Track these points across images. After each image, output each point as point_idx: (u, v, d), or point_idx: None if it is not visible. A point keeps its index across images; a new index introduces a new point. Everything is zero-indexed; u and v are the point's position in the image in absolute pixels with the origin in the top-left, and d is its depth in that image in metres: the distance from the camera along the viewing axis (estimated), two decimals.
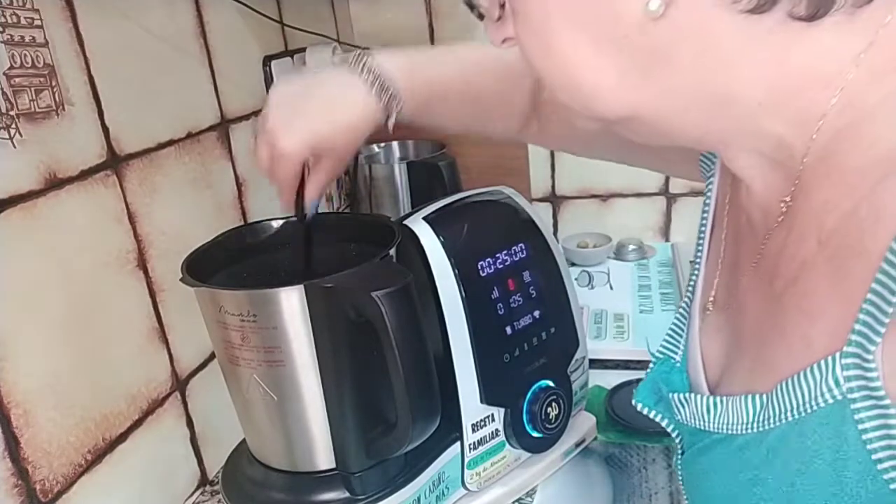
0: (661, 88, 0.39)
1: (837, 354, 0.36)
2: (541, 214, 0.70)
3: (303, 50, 1.05)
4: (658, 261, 1.34)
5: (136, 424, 0.70)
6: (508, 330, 0.64)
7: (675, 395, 0.49)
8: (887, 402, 0.34)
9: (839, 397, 0.36)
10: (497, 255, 0.64)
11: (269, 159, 0.57)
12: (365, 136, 0.59)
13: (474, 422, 0.64)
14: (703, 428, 0.46)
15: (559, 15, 0.39)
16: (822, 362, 0.36)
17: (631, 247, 1.35)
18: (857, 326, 0.34)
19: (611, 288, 1.25)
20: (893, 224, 0.33)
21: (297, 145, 0.56)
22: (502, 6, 0.43)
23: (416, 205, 0.68)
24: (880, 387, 0.34)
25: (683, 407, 0.48)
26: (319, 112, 0.57)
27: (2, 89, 0.55)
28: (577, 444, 0.74)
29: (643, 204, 1.39)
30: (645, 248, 1.36)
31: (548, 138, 0.72)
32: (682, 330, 0.54)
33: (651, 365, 0.55)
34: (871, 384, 0.34)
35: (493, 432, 0.65)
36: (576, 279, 1.23)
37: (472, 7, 0.46)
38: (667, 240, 1.41)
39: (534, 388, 0.66)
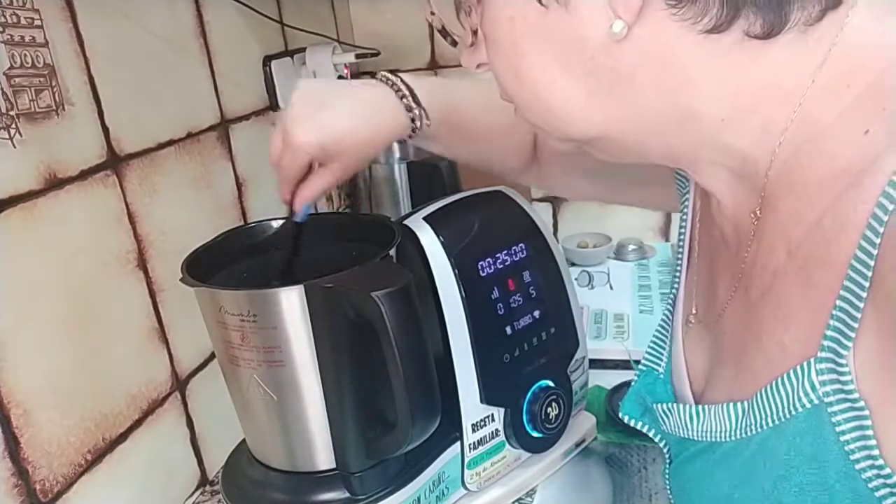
0: (628, 107, 0.41)
1: (812, 360, 0.37)
2: (541, 214, 0.70)
3: (303, 50, 1.05)
4: (658, 261, 1.34)
5: (136, 424, 0.70)
6: (508, 330, 0.64)
7: (660, 405, 0.50)
8: (861, 403, 0.35)
9: (816, 401, 0.37)
10: (497, 255, 0.64)
11: (279, 148, 0.56)
12: (383, 148, 0.59)
13: (474, 422, 0.64)
14: (687, 437, 0.47)
15: (527, 38, 0.41)
16: (798, 368, 0.38)
17: (631, 247, 1.35)
18: (829, 332, 0.36)
19: (611, 288, 1.25)
20: (856, 234, 0.34)
21: (311, 138, 0.55)
22: (475, 33, 0.45)
23: (416, 205, 0.68)
24: (854, 389, 0.35)
25: (668, 417, 0.49)
26: (346, 110, 0.57)
27: (2, 89, 0.55)
28: (577, 444, 0.74)
29: None
30: (645, 248, 1.36)
31: (546, 183, 0.75)
32: (665, 341, 0.55)
33: (635, 377, 0.56)
34: (845, 387, 0.36)
35: (493, 432, 0.65)
36: (576, 279, 1.23)
37: (445, 35, 0.48)
38: (667, 240, 1.41)
39: (534, 388, 0.66)
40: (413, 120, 0.59)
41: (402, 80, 0.59)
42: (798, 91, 0.38)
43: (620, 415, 0.55)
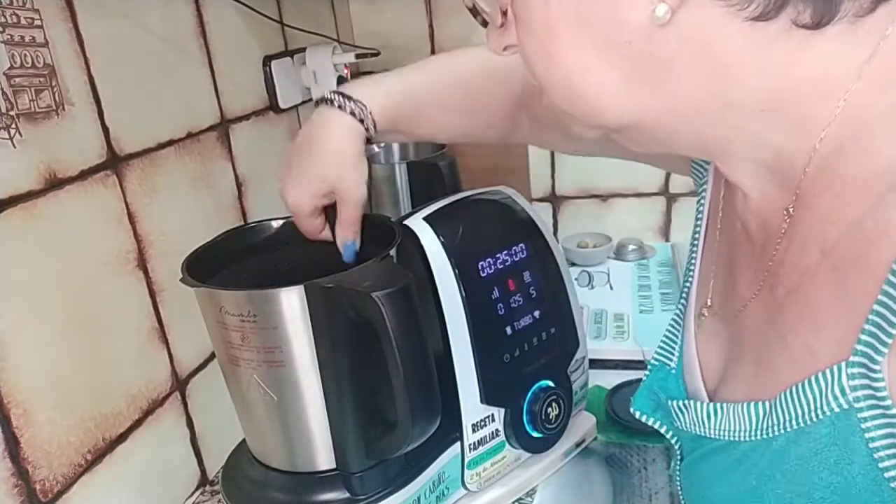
0: (665, 96, 0.39)
1: (843, 364, 0.36)
2: (541, 214, 0.70)
3: (303, 50, 1.05)
4: (658, 261, 1.34)
5: (136, 424, 0.70)
6: (508, 330, 0.64)
7: (675, 401, 0.49)
8: (894, 411, 0.34)
9: (845, 406, 0.36)
10: (497, 255, 0.64)
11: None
12: (361, 157, 0.59)
13: (474, 422, 0.64)
14: (703, 435, 0.46)
15: (562, 21, 0.39)
16: (828, 371, 0.37)
17: (631, 247, 1.35)
18: (864, 337, 0.35)
19: (611, 288, 1.25)
20: None
21: (300, 198, 0.59)
22: (505, 13, 0.43)
23: (416, 205, 0.68)
24: (887, 396, 0.34)
25: (683, 414, 0.48)
26: (309, 157, 0.59)
27: (2, 89, 0.55)
28: (577, 444, 0.74)
29: (643, 204, 1.39)
30: (645, 248, 1.36)
31: (541, 137, 0.72)
32: (677, 336, 0.54)
33: (646, 372, 0.55)
34: (877, 394, 0.35)
35: (493, 432, 0.65)
36: (576, 279, 1.23)
37: (475, 14, 0.46)
38: (667, 240, 1.41)
39: (534, 388, 0.66)
40: (362, 122, 0.59)
41: (335, 92, 0.60)
42: (844, 85, 0.36)
43: (632, 410, 0.54)
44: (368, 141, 0.61)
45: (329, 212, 0.61)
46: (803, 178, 0.39)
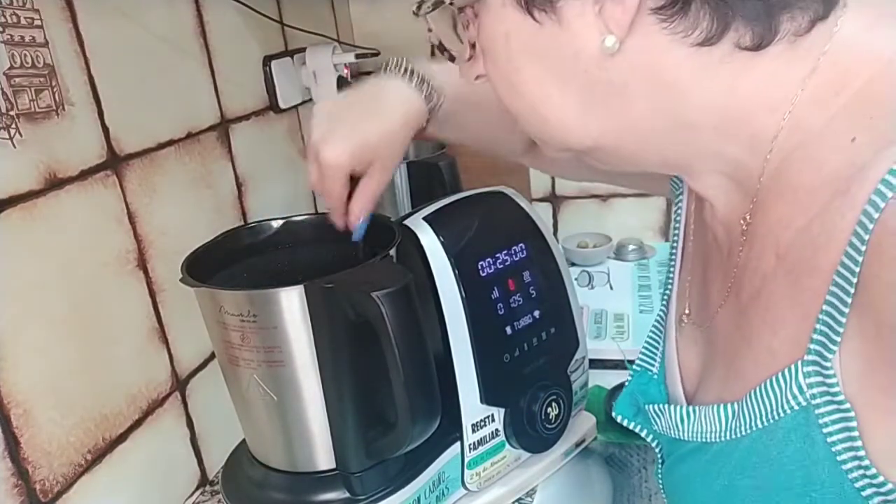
0: (622, 118, 0.42)
1: (799, 362, 0.38)
2: (541, 214, 0.70)
3: (303, 50, 1.05)
4: (658, 261, 1.34)
5: (136, 424, 0.70)
6: (508, 330, 0.64)
7: (651, 406, 0.51)
8: (847, 405, 0.36)
9: (804, 403, 0.38)
10: (497, 255, 0.64)
11: (317, 173, 0.57)
12: (409, 137, 0.59)
13: (474, 422, 0.64)
14: (679, 437, 0.48)
15: (522, 54, 0.42)
16: (786, 370, 0.38)
17: (631, 247, 1.35)
18: (815, 336, 0.37)
19: (611, 288, 1.25)
20: (843, 241, 0.35)
21: (341, 154, 0.55)
22: (473, 46, 0.46)
23: (416, 205, 0.68)
24: (839, 392, 0.36)
25: (659, 417, 0.50)
26: (361, 116, 0.57)
27: (2, 89, 0.55)
28: (577, 444, 0.74)
29: (643, 204, 1.39)
30: (645, 248, 1.36)
31: (545, 167, 0.77)
32: (659, 342, 0.56)
33: (629, 377, 0.57)
34: (831, 389, 0.36)
35: (493, 432, 0.65)
36: (576, 279, 1.23)
37: (442, 51, 0.49)
38: (667, 240, 1.41)
39: (534, 388, 0.66)
40: (428, 100, 0.58)
41: (410, 65, 0.59)
42: (788, 99, 0.38)
43: (613, 414, 0.56)
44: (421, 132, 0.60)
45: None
46: (759, 187, 0.41)
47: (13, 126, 0.56)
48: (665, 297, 0.57)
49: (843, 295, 0.35)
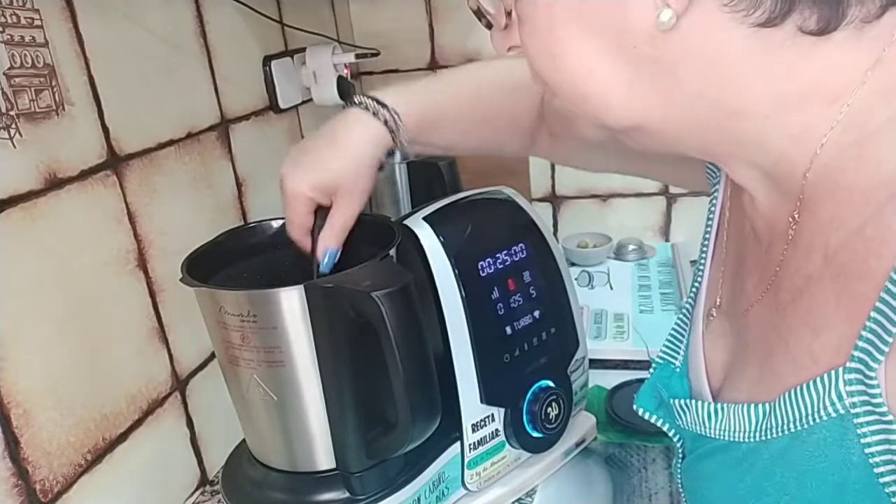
0: (669, 99, 0.39)
1: (840, 369, 0.36)
2: (541, 214, 0.70)
3: (303, 50, 1.05)
4: (658, 261, 1.34)
5: (136, 424, 0.70)
6: (508, 330, 0.64)
7: (677, 400, 0.49)
8: (890, 417, 0.34)
9: (842, 411, 0.36)
10: (497, 255, 0.64)
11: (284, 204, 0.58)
12: (373, 164, 0.59)
13: (474, 422, 0.64)
14: (704, 434, 0.46)
15: (566, 24, 0.39)
16: (826, 376, 0.37)
17: (631, 247, 1.35)
18: (861, 343, 0.35)
19: (611, 288, 1.25)
20: None
21: (300, 184, 0.57)
22: (509, 14, 0.43)
23: (416, 205, 0.68)
24: (882, 403, 0.34)
25: (685, 413, 0.48)
26: (322, 148, 0.58)
27: (2, 89, 0.55)
28: (577, 444, 0.74)
29: (643, 204, 1.39)
30: (645, 248, 1.36)
31: (558, 153, 0.73)
32: (684, 335, 0.54)
33: (651, 369, 0.55)
34: (873, 400, 0.35)
35: (493, 432, 0.65)
36: (576, 279, 1.23)
37: (479, 16, 0.46)
38: (667, 240, 1.41)
39: (534, 388, 0.66)
40: (391, 130, 0.58)
41: (370, 98, 0.59)
42: (847, 91, 0.36)
43: (635, 407, 0.54)
44: (390, 153, 0.60)
45: (317, 218, 0.59)
46: (805, 183, 0.39)
47: (13, 126, 0.56)
48: (694, 289, 0.55)
49: (894, 303, 0.33)
